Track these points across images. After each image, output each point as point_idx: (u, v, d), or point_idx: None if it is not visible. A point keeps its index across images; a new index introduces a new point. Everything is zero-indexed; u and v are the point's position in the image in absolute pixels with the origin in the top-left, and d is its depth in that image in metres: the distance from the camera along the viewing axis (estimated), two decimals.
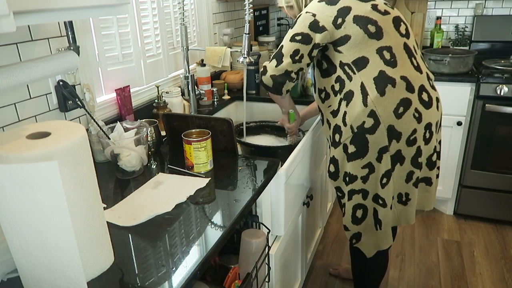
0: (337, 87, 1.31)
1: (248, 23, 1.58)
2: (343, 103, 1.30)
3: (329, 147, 1.42)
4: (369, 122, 1.25)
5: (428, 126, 1.31)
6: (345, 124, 1.29)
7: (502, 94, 2.09)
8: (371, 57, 1.25)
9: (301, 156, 1.47)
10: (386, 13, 1.29)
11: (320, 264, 2.08)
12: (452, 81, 2.18)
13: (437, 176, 1.47)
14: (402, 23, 1.32)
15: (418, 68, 1.30)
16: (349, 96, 1.28)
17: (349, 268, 1.97)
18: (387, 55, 1.26)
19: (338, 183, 1.41)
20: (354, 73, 1.26)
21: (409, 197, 1.38)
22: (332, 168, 1.40)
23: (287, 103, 1.60)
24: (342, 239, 2.28)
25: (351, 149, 1.30)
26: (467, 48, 2.61)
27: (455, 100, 2.21)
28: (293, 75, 1.33)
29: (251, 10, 1.55)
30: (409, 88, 1.26)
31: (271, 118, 1.99)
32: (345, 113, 1.29)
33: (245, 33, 1.59)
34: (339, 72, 1.29)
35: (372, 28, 1.25)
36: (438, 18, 2.66)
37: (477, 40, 2.60)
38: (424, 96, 1.29)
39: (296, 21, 1.32)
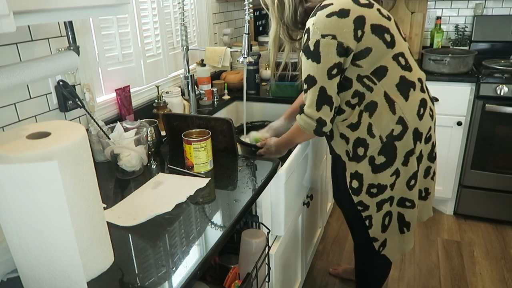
0: (354, 101, 1.23)
1: (248, 23, 1.58)
2: (365, 114, 1.23)
3: (346, 161, 1.31)
4: (398, 129, 1.23)
5: (435, 121, 1.37)
6: (372, 136, 1.24)
7: (502, 94, 2.09)
8: (389, 65, 1.21)
9: (301, 156, 1.47)
10: (389, 18, 1.25)
11: (320, 264, 2.08)
12: (452, 81, 2.18)
13: None
14: (398, 26, 1.30)
15: (420, 69, 1.34)
16: (371, 107, 1.22)
17: (348, 268, 1.97)
18: (402, 61, 1.23)
19: (361, 197, 1.32)
20: (375, 84, 1.20)
21: (428, 191, 1.41)
22: (355, 184, 1.31)
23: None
24: (342, 239, 2.28)
25: (380, 160, 1.26)
26: (467, 48, 2.61)
27: (455, 100, 2.21)
28: None
29: (251, 10, 1.55)
30: (422, 88, 1.29)
31: (271, 118, 1.99)
32: (370, 124, 1.23)
33: (245, 33, 1.59)
34: (357, 86, 1.21)
35: (388, 37, 1.19)
36: (438, 18, 2.66)
37: (477, 40, 2.60)
38: (430, 94, 1.35)
39: (314, 49, 1.15)
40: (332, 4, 1.16)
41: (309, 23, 1.18)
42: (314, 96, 1.19)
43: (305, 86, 1.21)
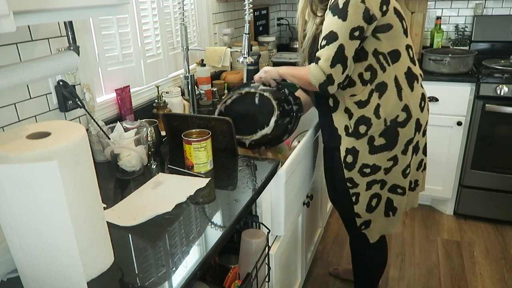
0: (366, 76, 1.26)
1: (248, 23, 1.58)
2: (375, 94, 1.27)
3: (343, 136, 1.33)
4: (402, 116, 1.29)
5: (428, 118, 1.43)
6: (378, 117, 1.28)
7: (502, 94, 2.09)
8: (402, 52, 1.28)
9: (301, 156, 1.47)
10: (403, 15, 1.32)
11: (320, 264, 2.08)
12: (452, 81, 2.18)
13: None
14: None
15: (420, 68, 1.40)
16: (382, 88, 1.27)
17: (348, 269, 1.97)
18: (411, 53, 1.31)
19: (352, 174, 1.36)
20: (389, 65, 1.26)
21: (417, 183, 1.48)
22: (349, 159, 1.34)
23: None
24: (342, 239, 2.28)
25: (380, 141, 1.30)
26: (467, 48, 2.61)
27: (455, 100, 2.21)
28: None
29: (251, 10, 1.55)
30: (421, 84, 1.38)
31: None
32: (378, 105, 1.27)
33: (245, 33, 1.59)
34: (371, 60, 1.25)
35: (405, 24, 1.27)
36: (438, 18, 2.66)
37: (477, 40, 2.60)
38: (426, 92, 1.41)
39: (343, 7, 1.16)
40: None
41: None
42: (332, 52, 1.19)
43: (323, 42, 1.20)
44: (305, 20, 1.43)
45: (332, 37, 1.19)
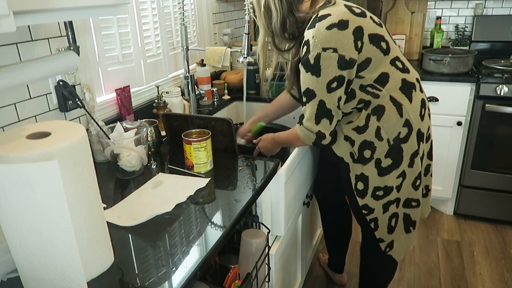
0: (360, 106, 1.24)
1: (248, 23, 1.58)
2: (373, 118, 1.23)
3: (350, 163, 1.30)
4: (404, 132, 1.24)
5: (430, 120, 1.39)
6: (380, 139, 1.24)
7: (502, 94, 2.09)
8: (389, 70, 1.22)
9: (301, 156, 1.47)
10: (381, 24, 1.25)
11: (320, 264, 2.08)
12: (452, 81, 2.18)
13: None
14: (388, 31, 1.30)
15: (420, 68, 1.38)
16: (379, 111, 1.22)
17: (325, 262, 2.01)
18: (399, 65, 1.25)
19: (365, 200, 1.32)
20: (380, 90, 1.21)
21: (428, 188, 1.44)
22: (360, 186, 1.31)
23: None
24: None
25: (386, 162, 1.26)
26: (467, 48, 2.61)
27: (455, 100, 2.21)
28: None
29: (251, 10, 1.55)
30: (421, 88, 1.32)
31: None
32: (378, 128, 1.23)
33: (245, 33, 1.59)
34: (360, 95, 1.21)
35: (383, 45, 1.20)
36: (438, 18, 2.66)
37: (477, 40, 2.60)
38: (425, 94, 1.36)
39: (314, 63, 1.13)
40: (330, 15, 1.13)
41: (308, 35, 1.15)
42: (313, 109, 1.18)
43: (304, 99, 1.20)
44: (267, 54, 1.40)
45: (309, 94, 1.17)
